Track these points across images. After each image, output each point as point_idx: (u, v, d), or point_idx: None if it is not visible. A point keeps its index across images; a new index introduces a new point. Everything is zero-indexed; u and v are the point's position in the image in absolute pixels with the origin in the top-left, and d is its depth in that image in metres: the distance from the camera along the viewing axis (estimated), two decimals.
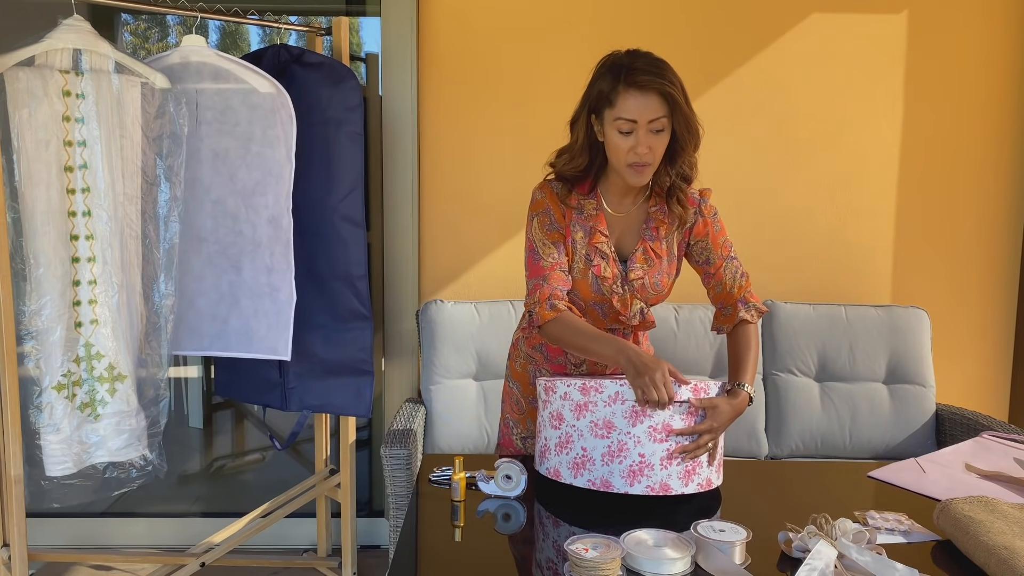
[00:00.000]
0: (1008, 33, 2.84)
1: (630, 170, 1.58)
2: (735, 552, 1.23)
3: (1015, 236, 2.93)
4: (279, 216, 2.15)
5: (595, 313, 1.71)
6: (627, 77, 1.52)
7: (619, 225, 1.69)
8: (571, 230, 1.67)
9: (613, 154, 1.59)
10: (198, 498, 3.36)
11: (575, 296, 1.68)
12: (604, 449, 1.45)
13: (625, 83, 1.52)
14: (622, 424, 1.44)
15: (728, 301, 1.75)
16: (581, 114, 1.62)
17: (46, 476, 1.93)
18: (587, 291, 1.67)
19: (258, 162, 2.15)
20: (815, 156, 2.88)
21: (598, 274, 1.65)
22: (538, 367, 1.81)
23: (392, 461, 2.28)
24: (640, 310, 1.69)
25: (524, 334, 1.85)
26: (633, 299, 1.68)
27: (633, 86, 1.51)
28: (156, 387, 2.08)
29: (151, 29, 3.41)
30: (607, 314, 1.71)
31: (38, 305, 1.87)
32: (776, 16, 2.82)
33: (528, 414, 1.84)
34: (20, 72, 1.80)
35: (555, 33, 2.80)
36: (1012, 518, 1.30)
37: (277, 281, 2.18)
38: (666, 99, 1.52)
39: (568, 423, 1.49)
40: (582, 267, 1.66)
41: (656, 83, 1.50)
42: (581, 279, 1.66)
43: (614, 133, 1.56)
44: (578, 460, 1.48)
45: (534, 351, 1.82)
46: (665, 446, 1.44)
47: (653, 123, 1.53)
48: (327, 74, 2.24)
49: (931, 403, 2.72)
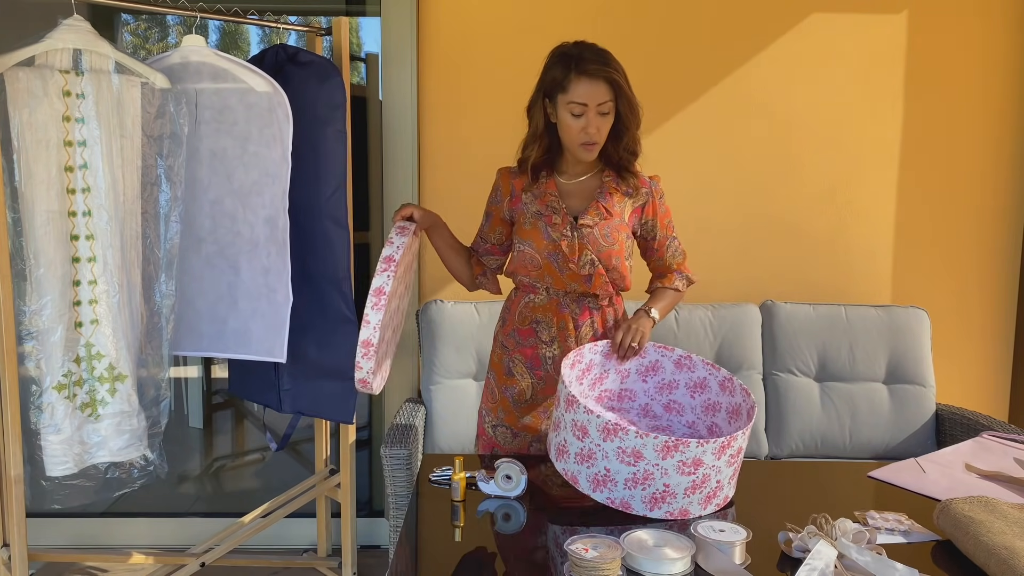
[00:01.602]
0: (1008, 33, 2.84)
1: (582, 148, 1.77)
2: (735, 552, 1.23)
3: (1015, 236, 2.93)
4: (275, 216, 2.15)
5: (551, 267, 1.82)
6: (578, 66, 1.72)
7: (571, 192, 1.86)
8: (520, 199, 1.87)
9: (565, 134, 1.78)
10: (198, 498, 3.36)
11: (531, 249, 1.82)
12: (629, 475, 1.44)
13: (576, 71, 1.71)
14: (652, 456, 1.42)
15: (665, 272, 1.97)
16: (537, 100, 1.81)
17: (47, 476, 1.93)
18: (541, 240, 1.81)
19: (255, 162, 2.15)
20: (815, 156, 2.88)
21: (548, 222, 1.81)
22: (510, 355, 1.89)
23: (392, 461, 2.28)
24: (591, 260, 1.79)
25: (500, 324, 1.94)
26: (583, 248, 1.79)
27: (584, 74, 1.71)
28: (157, 387, 2.08)
29: (151, 29, 3.41)
30: (562, 267, 1.81)
31: (38, 305, 1.87)
32: (776, 16, 2.82)
33: (500, 403, 1.91)
34: (20, 72, 1.80)
35: (555, 33, 2.79)
36: (1012, 518, 1.30)
37: (274, 282, 2.18)
38: (612, 85, 1.73)
39: (593, 440, 1.46)
40: (532, 221, 1.83)
41: (604, 71, 1.71)
42: (533, 231, 1.83)
43: (567, 115, 1.74)
44: (599, 477, 1.46)
45: (507, 338, 1.90)
46: (692, 478, 1.44)
47: (601, 106, 1.73)
48: (315, 72, 2.23)
49: (931, 403, 2.72)
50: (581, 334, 1.86)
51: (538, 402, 1.88)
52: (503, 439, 1.91)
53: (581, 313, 1.85)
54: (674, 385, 1.79)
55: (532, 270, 1.84)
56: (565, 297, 1.85)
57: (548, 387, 1.87)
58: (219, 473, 3.53)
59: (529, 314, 1.88)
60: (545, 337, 1.86)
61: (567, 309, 1.85)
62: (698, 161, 2.86)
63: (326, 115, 2.22)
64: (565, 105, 1.73)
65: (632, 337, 1.77)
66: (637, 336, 1.77)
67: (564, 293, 1.85)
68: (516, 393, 1.89)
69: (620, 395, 1.80)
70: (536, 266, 1.83)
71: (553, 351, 1.86)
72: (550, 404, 1.88)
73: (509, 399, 1.90)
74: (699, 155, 2.87)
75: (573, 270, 1.81)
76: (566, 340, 1.85)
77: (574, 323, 1.85)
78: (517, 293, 1.92)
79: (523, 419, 1.89)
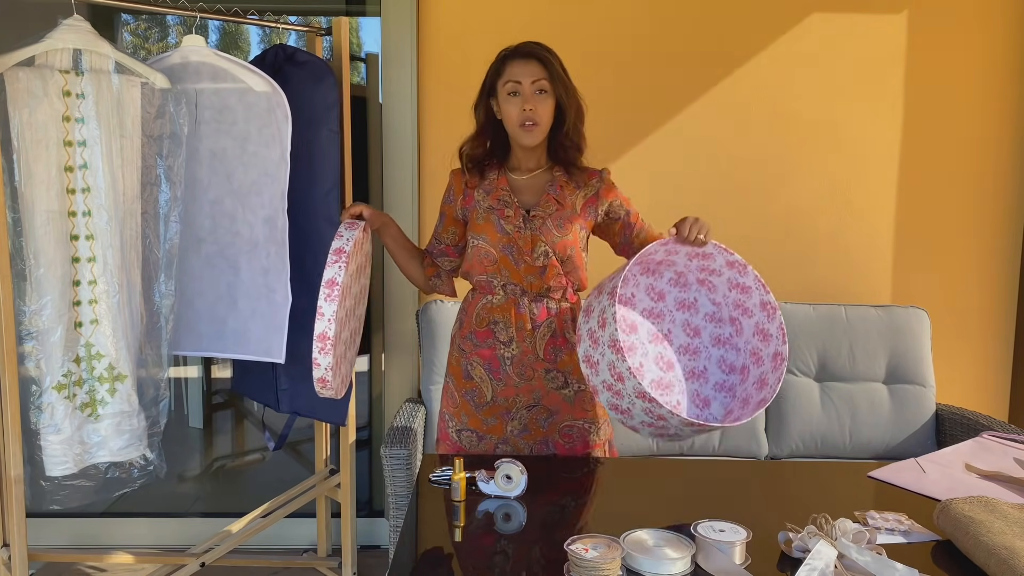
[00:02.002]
0: (1007, 33, 2.84)
1: (522, 130, 1.81)
2: (735, 552, 1.23)
3: (1015, 236, 2.93)
4: (274, 216, 2.15)
5: (507, 260, 1.83)
6: (512, 51, 1.83)
7: (522, 187, 1.89)
8: (472, 197, 1.90)
9: (507, 119, 1.82)
10: (198, 498, 3.36)
11: (485, 243, 1.84)
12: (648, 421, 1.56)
13: (510, 56, 1.82)
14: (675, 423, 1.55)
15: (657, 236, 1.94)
16: (480, 99, 1.88)
17: (46, 476, 1.93)
18: (494, 233, 1.84)
19: (254, 161, 2.15)
20: (815, 156, 2.88)
21: (501, 215, 1.84)
22: (468, 358, 1.89)
23: (392, 461, 2.28)
24: (545, 252, 1.81)
25: (457, 327, 1.95)
26: (536, 239, 1.81)
27: (516, 55, 1.82)
28: (156, 387, 2.08)
29: (151, 29, 3.41)
30: (518, 260, 1.82)
31: (38, 305, 1.87)
32: (776, 16, 2.82)
33: (461, 407, 1.90)
34: (20, 72, 1.80)
35: (555, 33, 2.80)
36: (1012, 518, 1.30)
37: (273, 282, 2.18)
38: (544, 64, 1.80)
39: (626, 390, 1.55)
40: (485, 216, 1.86)
41: (535, 50, 1.81)
42: (486, 224, 1.85)
43: (505, 99, 1.81)
44: (618, 407, 1.58)
45: (465, 341, 1.90)
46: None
47: (536, 83, 1.79)
48: (310, 72, 2.23)
49: (931, 403, 2.72)
50: (539, 334, 1.84)
51: (499, 404, 1.87)
52: (468, 443, 1.90)
53: (539, 312, 1.84)
54: (717, 273, 1.78)
55: (488, 265, 1.84)
56: (523, 296, 1.84)
57: (508, 388, 1.86)
58: (219, 473, 3.53)
59: (486, 315, 1.87)
60: (503, 337, 1.85)
61: (525, 309, 1.84)
62: (698, 161, 2.86)
63: (320, 115, 2.22)
64: (503, 89, 1.80)
65: (700, 228, 1.70)
66: (705, 228, 1.71)
67: (522, 292, 1.84)
68: (476, 396, 1.88)
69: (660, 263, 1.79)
70: (491, 261, 1.84)
71: (512, 351, 1.84)
72: (512, 405, 1.86)
73: (470, 402, 1.89)
74: (699, 155, 2.86)
75: (528, 262, 1.81)
76: (524, 340, 1.84)
77: (532, 322, 1.84)
78: (474, 295, 1.91)
79: (487, 421, 1.87)
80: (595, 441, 1.89)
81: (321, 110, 2.22)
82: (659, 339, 1.78)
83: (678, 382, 1.76)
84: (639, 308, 1.78)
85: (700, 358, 1.80)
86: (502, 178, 1.89)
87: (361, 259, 1.85)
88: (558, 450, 1.87)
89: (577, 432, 1.88)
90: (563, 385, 1.86)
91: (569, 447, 1.88)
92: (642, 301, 1.79)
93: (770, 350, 1.71)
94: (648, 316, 1.79)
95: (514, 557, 1.30)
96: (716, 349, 1.80)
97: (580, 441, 1.88)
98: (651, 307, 1.80)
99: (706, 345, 1.81)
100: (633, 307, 1.77)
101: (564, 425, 1.87)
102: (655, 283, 1.80)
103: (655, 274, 1.79)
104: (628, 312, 1.76)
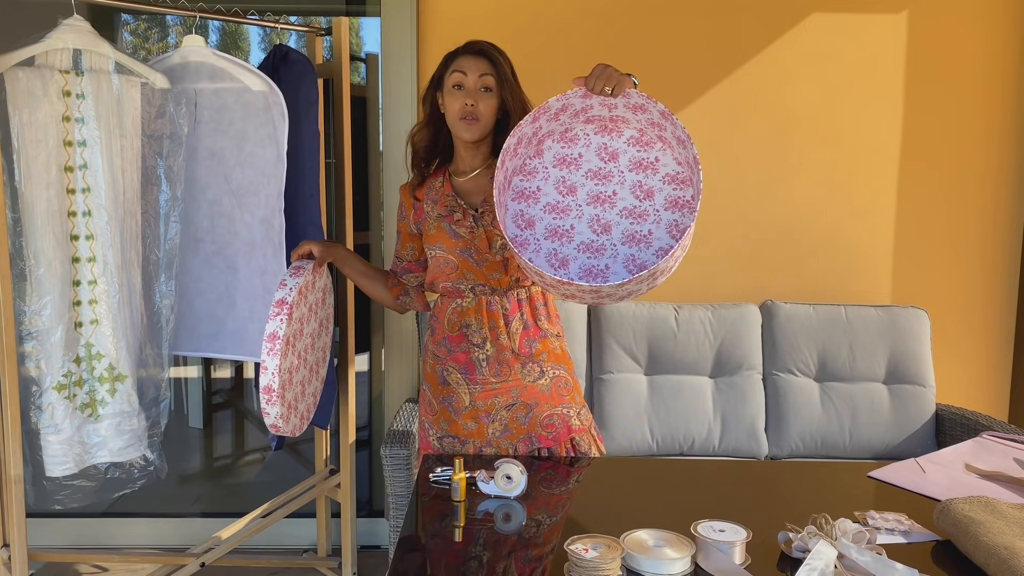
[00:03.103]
0: (1007, 33, 2.84)
1: (462, 123, 1.79)
2: (735, 552, 1.23)
3: (1015, 236, 2.93)
4: (271, 216, 2.15)
5: (467, 263, 1.83)
6: (463, 47, 1.82)
7: (467, 188, 1.88)
8: (422, 209, 1.90)
9: (448, 112, 1.81)
10: (198, 498, 3.36)
11: (442, 252, 1.84)
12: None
13: (460, 52, 1.82)
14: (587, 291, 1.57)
15: None
16: (428, 92, 1.87)
17: (47, 476, 1.93)
18: (448, 240, 1.83)
19: (251, 161, 2.15)
20: (815, 156, 2.88)
21: (451, 221, 1.84)
22: (443, 364, 1.87)
23: (392, 461, 2.28)
24: (502, 245, 1.81)
25: (429, 333, 1.92)
26: (491, 235, 1.82)
27: (465, 51, 1.81)
28: (157, 387, 2.08)
29: (151, 29, 3.41)
30: (478, 260, 1.82)
31: (39, 305, 1.87)
32: (776, 16, 2.82)
33: (440, 414, 1.87)
34: (20, 72, 1.80)
35: (555, 33, 2.81)
36: (1012, 518, 1.30)
37: (270, 283, 2.17)
38: (491, 61, 1.79)
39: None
40: (436, 224, 1.85)
41: (484, 48, 1.80)
42: (438, 233, 1.85)
43: (449, 92, 1.80)
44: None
45: (438, 347, 1.88)
46: None
47: (481, 79, 1.78)
48: (298, 71, 2.23)
49: (931, 403, 2.72)
50: (512, 330, 1.83)
51: (478, 408, 1.85)
52: (451, 449, 1.88)
53: (511, 306, 1.84)
54: (660, 126, 1.68)
55: (450, 272, 1.83)
56: (492, 295, 1.83)
57: (485, 391, 1.84)
58: (219, 473, 3.53)
59: (458, 319, 1.84)
60: (476, 340, 1.83)
61: (496, 306, 1.83)
62: None
63: (304, 113, 2.22)
64: (448, 81, 1.79)
65: (607, 78, 1.60)
66: (614, 78, 1.60)
67: (491, 290, 1.83)
68: (454, 401, 1.86)
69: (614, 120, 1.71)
70: (453, 267, 1.83)
71: (486, 352, 1.83)
72: (491, 408, 1.85)
73: (448, 408, 1.87)
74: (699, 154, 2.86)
75: (489, 259, 1.81)
76: (498, 338, 1.83)
77: (504, 319, 1.83)
78: (443, 300, 1.89)
79: (467, 426, 1.85)
80: (577, 426, 1.87)
81: (304, 107, 2.22)
82: (599, 201, 1.72)
83: (611, 246, 1.71)
84: (584, 168, 1.73)
85: (647, 222, 1.70)
86: (446, 184, 1.88)
87: (316, 296, 1.88)
88: (542, 443, 1.85)
89: (558, 420, 1.86)
90: (539, 376, 1.85)
91: (553, 437, 1.85)
92: (589, 161, 1.73)
93: (691, 155, 1.60)
94: (592, 177, 1.72)
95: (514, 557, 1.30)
96: (669, 213, 1.70)
97: (563, 428, 1.86)
98: (599, 167, 1.73)
99: (657, 208, 1.70)
100: (578, 168, 1.73)
101: (544, 416, 1.85)
102: (610, 142, 1.72)
103: (611, 132, 1.72)
104: (569, 173, 1.72)
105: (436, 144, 1.90)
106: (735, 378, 2.73)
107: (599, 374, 2.74)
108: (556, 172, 1.73)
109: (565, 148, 1.73)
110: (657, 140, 1.71)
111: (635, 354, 2.74)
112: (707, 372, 2.75)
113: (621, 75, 1.62)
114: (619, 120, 1.70)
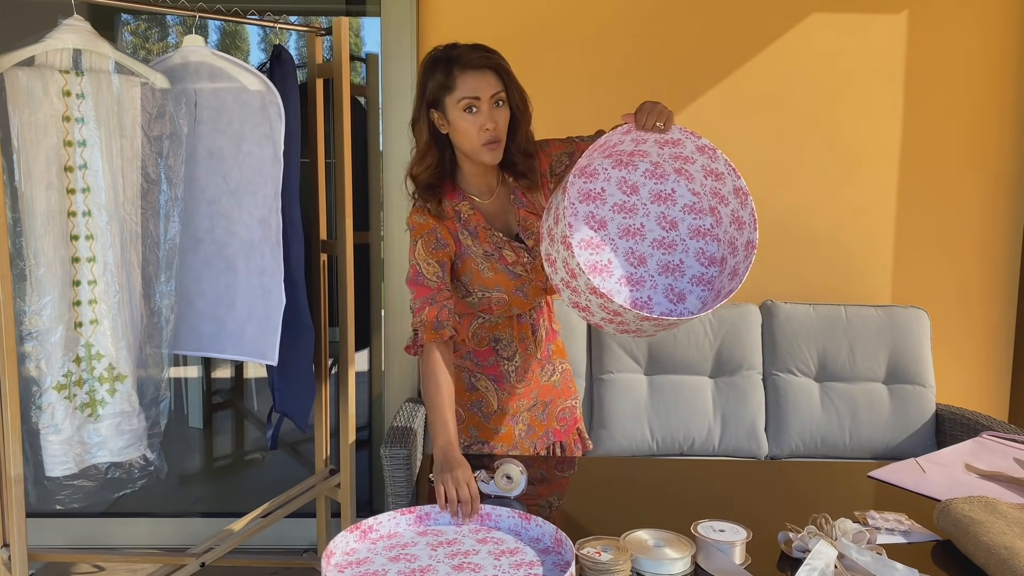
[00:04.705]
0: (1007, 33, 2.84)
1: (485, 149, 1.62)
2: (735, 552, 1.23)
3: (1015, 236, 2.93)
4: (268, 216, 2.14)
5: (518, 298, 1.74)
6: (460, 61, 1.59)
7: (494, 211, 1.74)
8: (460, 240, 1.71)
9: (463, 138, 1.63)
10: (198, 498, 3.36)
11: (500, 293, 1.72)
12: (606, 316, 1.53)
13: (460, 67, 1.59)
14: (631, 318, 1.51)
15: None
16: (420, 113, 1.66)
17: (47, 476, 1.93)
18: (508, 282, 1.71)
19: (248, 161, 2.14)
20: (815, 156, 2.88)
21: (507, 263, 1.70)
22: (471, 373, 1.83)
23: (392, 461, 2.28)
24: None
25: None
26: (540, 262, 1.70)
27: (469, 67, 1.59)
28: (157, 387, 2.08)
29: (151, 29, 3.41)
30: (527, 293, 1.75)
31: (39, 305, 1.87)
32: (776, 16, 2.82)
33: (468, 421, 1.85)
34: (20, 72, 1.80)
35: (555, 34, 2.80)
36: (1012, 518, 1.30)
37: (268, 283, 2.17)
38: (499, 73, 1.61)
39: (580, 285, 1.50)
40: (489, 265, 1.70)
41: (487, 59, 1.60)
42: (496, 276, 1.70)
43: (460, 116, 1.60)
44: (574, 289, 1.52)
45: (464, 360, 1.83)
46: None
47: (494, 96, 1.60)
48: (286, 69, 2.23)
49: (931, 403, 2.72)
50: (539, 337, 1.85)
51: (506, 411, 1.85)
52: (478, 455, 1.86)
53: (537, 318, 1.84)
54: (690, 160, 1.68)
55: (500, 309, 1.76)
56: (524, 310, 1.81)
57: (512, 397, 1.84)
58: (219, 473, 3.53)
59: (487, 334, 1.80)
60: (507, 353, 1.82)
61: (526, 319, 1.82)
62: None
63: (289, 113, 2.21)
64: (456, 105, 1.59)
65: (659, 115, 1.54)
66: (664, 115, 1.55)
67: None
68: (483, 406, 1.85)
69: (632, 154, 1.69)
70: (504, 304, 1.75)
71: (516, 363, 1.83)
72: (516, 411, 1.85)
73: (477, 414, 1.85)
74: None
75: (539, 286, 1.76)
76: (527, 349, 1.83)
77: (532, 329, 1.83)
78: (463, 317, 1.79)
79: (497, 430, 1.85)
80: (578, 416, 1.97)
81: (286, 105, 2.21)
82: (630, 234, 1.69)
83: (650, 277, 1.69)
84: (609, 203, 1.68)
85: (676, 251, 1.70)
86: (476, 213, 1.71)
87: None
88: (556, 437, 1.91)
89: (568, 412, 1.93)
90: (552, 373, 1.90)
91: (564, 430, 1.92)
92: (613, 195, 1.69)
93: (743, 239, 1.63)
94: (619, 211, 1.69)
95: None
96: (694, 241, 1.70)
97: (571, 419, 1.94)
98: (623, 201, 1.69)
99: (683, 238, 1.70)
100: (603, 202, 1.67)
101: (558, 411, 1.92)
102: (628, 176, 1.69)
103: (628, 166, 1.69)
104: (597, 208, 1.67)
105: (442, 165, 1.70)
106: (735, 378, 2.73)
107: (599, 374, 2.74)
108: (584, 208, 1.67)
109: (587, 183, 1.67)
110: (672, 172, 1.71)
111: (635, 354, 2.74)
112: (707, 372, 2.75)
113: (670, 111, 1.56)
114: (637, 154, 1.68)
